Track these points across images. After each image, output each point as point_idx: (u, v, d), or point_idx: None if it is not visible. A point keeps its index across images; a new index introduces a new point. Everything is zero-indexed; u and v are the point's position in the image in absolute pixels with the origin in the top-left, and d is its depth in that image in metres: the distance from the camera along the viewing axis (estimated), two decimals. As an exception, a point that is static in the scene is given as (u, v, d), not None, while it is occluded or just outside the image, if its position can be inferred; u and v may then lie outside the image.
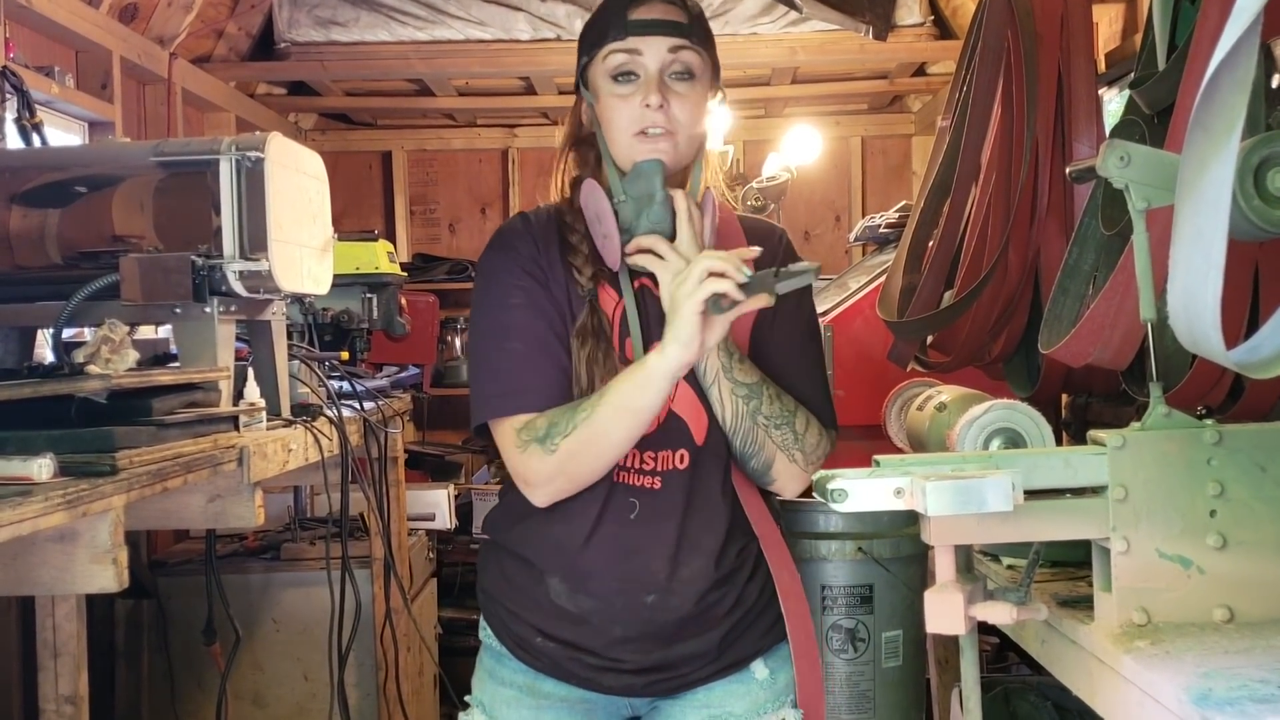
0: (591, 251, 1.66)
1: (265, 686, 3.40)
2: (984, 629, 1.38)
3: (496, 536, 1.74)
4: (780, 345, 1.71)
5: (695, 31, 1.63)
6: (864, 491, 1.23)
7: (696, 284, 1.46)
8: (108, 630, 3.37)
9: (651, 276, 1.64)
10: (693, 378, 1.64)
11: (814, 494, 1.30)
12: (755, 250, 1.51)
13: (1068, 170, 1.80)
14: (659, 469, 1.65)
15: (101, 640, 3.28)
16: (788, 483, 1.68)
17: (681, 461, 1.66)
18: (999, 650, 2.96)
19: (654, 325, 1.63)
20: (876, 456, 1.33)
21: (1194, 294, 0.95)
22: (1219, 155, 0.91)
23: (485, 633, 1.77)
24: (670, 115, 1.61)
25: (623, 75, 1.61)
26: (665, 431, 1.65)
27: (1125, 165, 1.34)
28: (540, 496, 1.63)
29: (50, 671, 2.29)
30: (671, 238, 1.59)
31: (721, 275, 1.46)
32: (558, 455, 1.57)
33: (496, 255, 1.69)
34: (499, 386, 1.62)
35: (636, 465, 1.65)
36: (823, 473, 1.28)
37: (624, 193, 1.60)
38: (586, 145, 1.72)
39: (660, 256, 1.59)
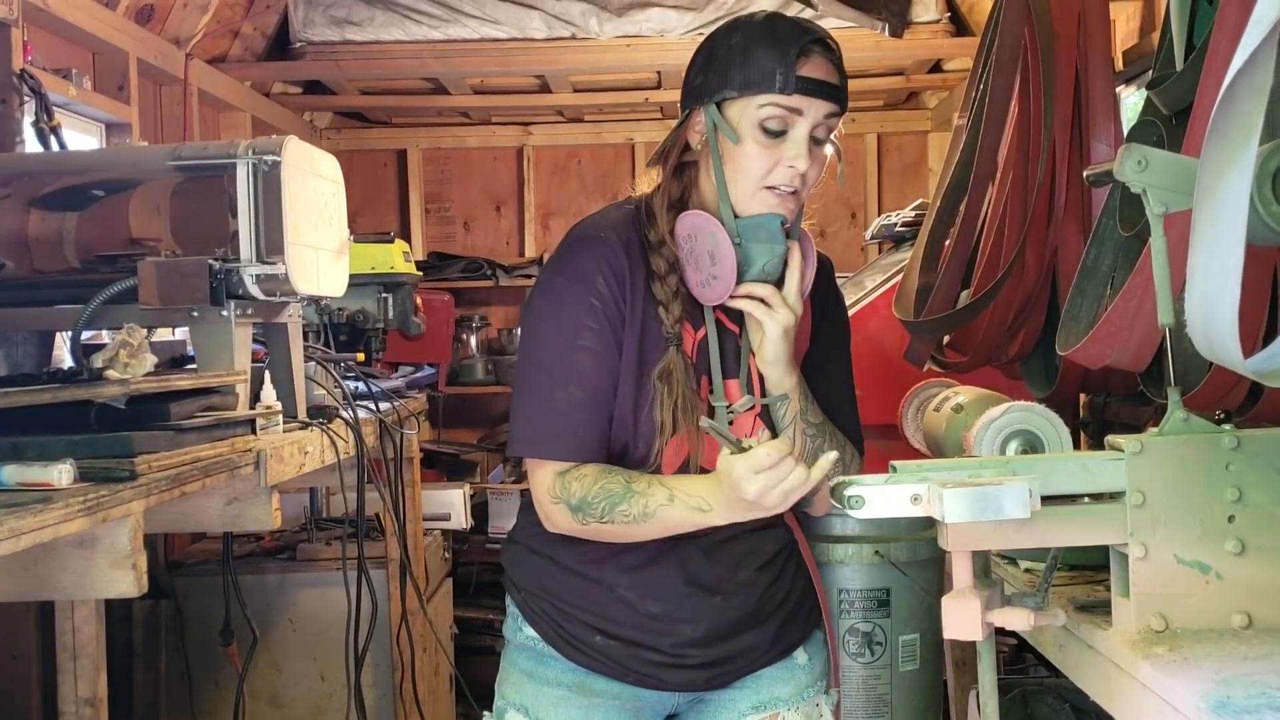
0: (679, 286, 1.63)
1: (282, 687, 3.41)
2: (1002, 630, 1.37)
3: (538, 545, 1.72)
4: (831, 377, 1.77)
5: (844, 96, 1.63)
6: (881, 498, 1.23)
7: (780, 500, 1.46)
8: (125, 631, 3.38)
9: (734, 312, 1.66)
10: (766, 414, 1.68)
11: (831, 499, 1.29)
12: (833, 456, 1.49)
13: (1085, 174, 1.80)
14: None
15: (119, 641, 3.30)
16: (824, 506, 1.70)
17: None
18: (1016, 652, 2.96)
19: (729, 361, 1.66)
20: (893, 462, 1.33)
21: (1212, 302, 0.95)
22: (1237, 163, 0.91)
23: (522, 634, 1.74)
24: (805, 177, 1.63)
25: (775, 129, 1.59)
26: None
27: (1143, 169, 1.33)
28: (553, 530, 1.66)
29: (70, 673, 2.31)
30: (779, 286, 1.62)
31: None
32: (585, 527, 1.59)
33: (572, 285, 1.63)
34: (548, 428, 1.61)
35: None
36: (840, 479, 1.28)
37: (739, 235, 1.60)
38: (686, 167, 1.69)
39: (769, 305, 1.61)
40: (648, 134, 5.74)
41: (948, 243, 2.78)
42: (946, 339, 2.80)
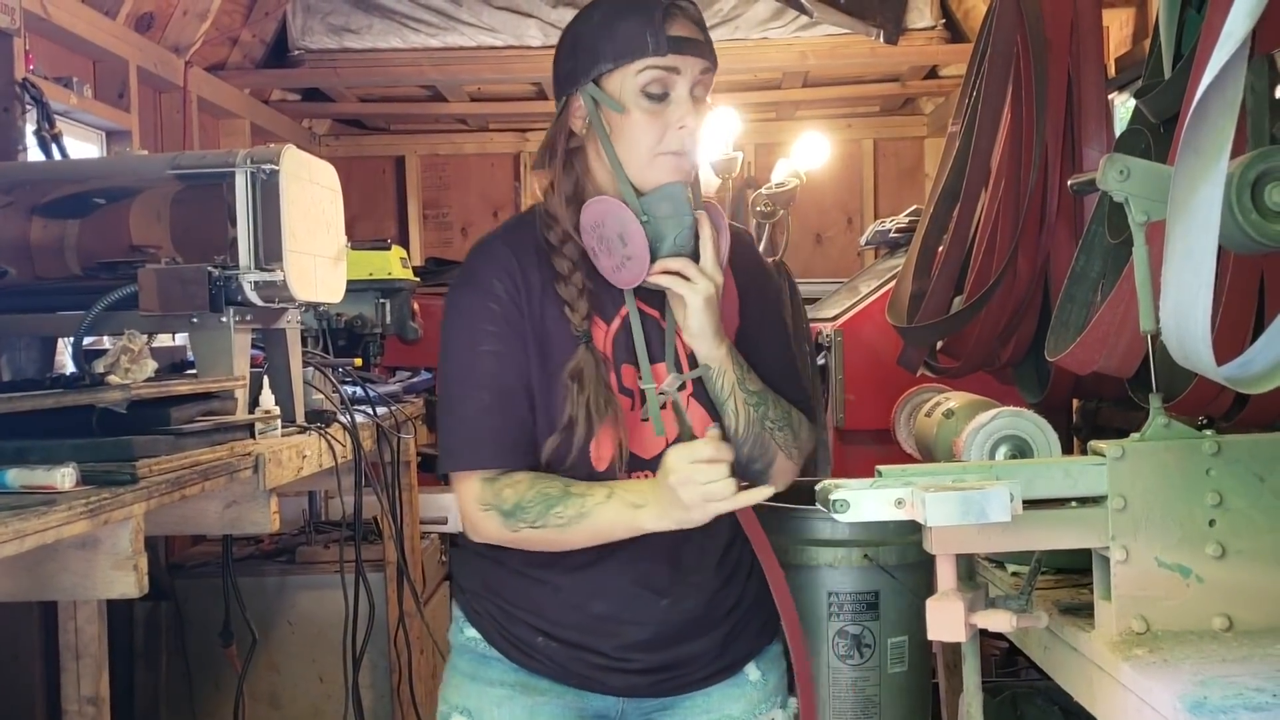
0: (584, 284, 1.61)
1: (281, 688, 3.43)
2: (993, 634, 1.40)
3: (483, 548, 1.68)
4: (769, 349, 1.72)
5: (713, 52, 1.63)
6: (865, 502, 1.25)
7: (698, 497, 1.45)
8: (126, 632, 3.41)
9: (651, 296, 1.63)
10: (702, 392, 1.65)
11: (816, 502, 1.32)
12: (767, 491, 1.50)
13: (1069, 183, 1.82)
14: None
15: (120, 642, 3.32)
16: (782, 480, 1.69)
17: None
18: (1008, 655, 2.98)
19: (654, 347, 1.64)
20: (879, 466, 1.35)
21: (1185, 310, 0.97)
22: (1209, 175, 0.93)
23: (464, 635, 1.72)
24: (694, 136, 1.61)
25: (657, 93, 1.58)
26: None
27: (1125, 179, 1.36)
28: (479, 539, 1.64)
29: (72, 673, 2.33)
30: (694, 259, 1.59)
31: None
32: (515, 534, 1.57)
33: (469, 294, 1.64)
34: (465, 438, 1.61)
35: None
36: (825, 483, 1.30)
37: (644, 213, 1.57)
38: (574, 158, 1.65)
39: (688, 279, 1.58)
40: (645, 140, 5.76)
41: (941, 249, 2.80)
42: (940, 345, 2.82)
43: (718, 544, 1.68)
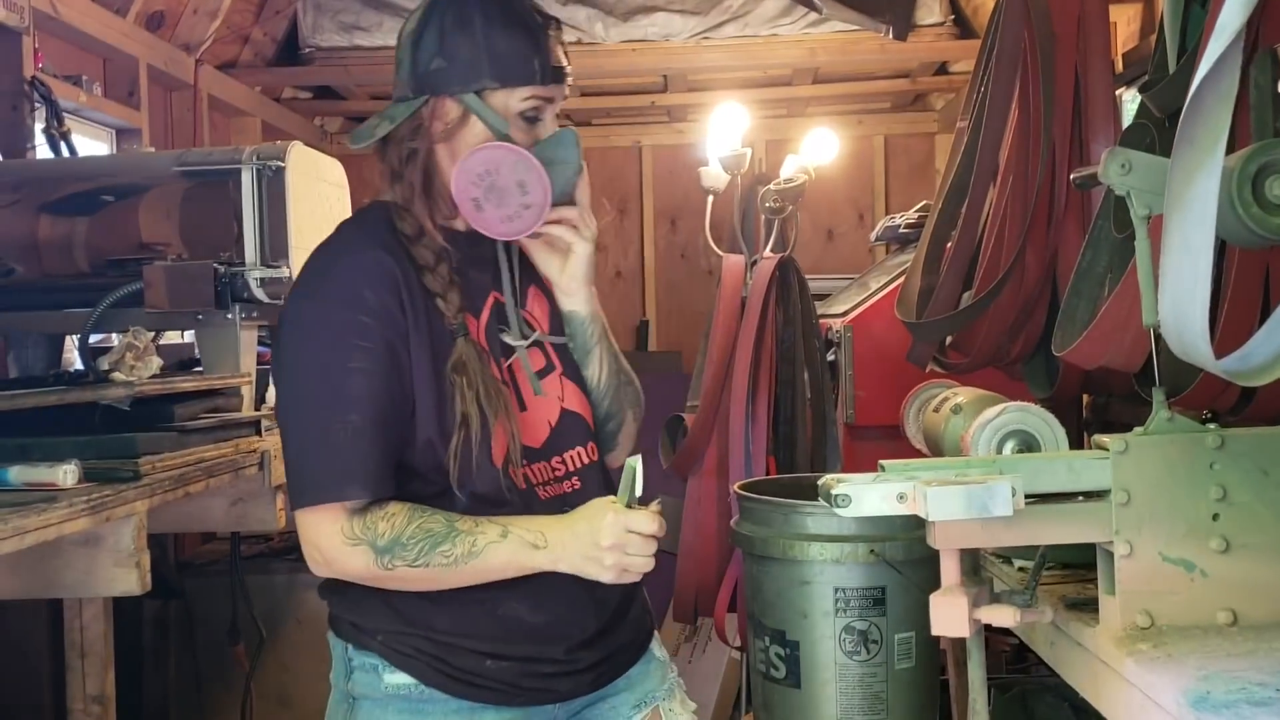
0: (451, 274, 1.54)
1: (291, 686, 3.44)
2: (1003, 630, 1.39)
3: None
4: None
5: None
6: (867, 497, 1.24)
7: (614, 565, 1.47)
8: (135, 630, 3.42)
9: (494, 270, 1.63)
10: (577, 375, 1.66)
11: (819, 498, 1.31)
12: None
13: (1071, 177, 1.81)
14: (572, 469, 1.64)
15: (129, 640, 3.33)
16: (627, 444, 1.71)
17: (592, 454, 1.67)
18: (1018, 651, 2.97)
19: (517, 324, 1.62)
20: (881, 461, 1.35)
21: (1182, 303, 0.97)
22: (1205, 167, 0.93)
23: (387, 682, 1.56)
24: None
25: (532, 117, 1.57)
26: (562, 433, 1.63)
27: (1126, 172, 1.35)
28: (329, 575, 1.53)
29: (78, 671, 2.34)
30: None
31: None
32: (390, 573, 1.46)
33: (333, 307, 1.50)
34: (330, 466, 1.46)
35: (549, 478, 1.62)
36: (827, 478, 1.29)
37: (542, 158, 1.55)
38: (425, 153, 1.59)
39: (577, 227, 1.59)
40: (655, 137, 5.77)
41: (949, 245, 2.80)
42: (949, 340, 2.81)
43: None
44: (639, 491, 1.51)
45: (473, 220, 1.54)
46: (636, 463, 1.51)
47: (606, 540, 1.45)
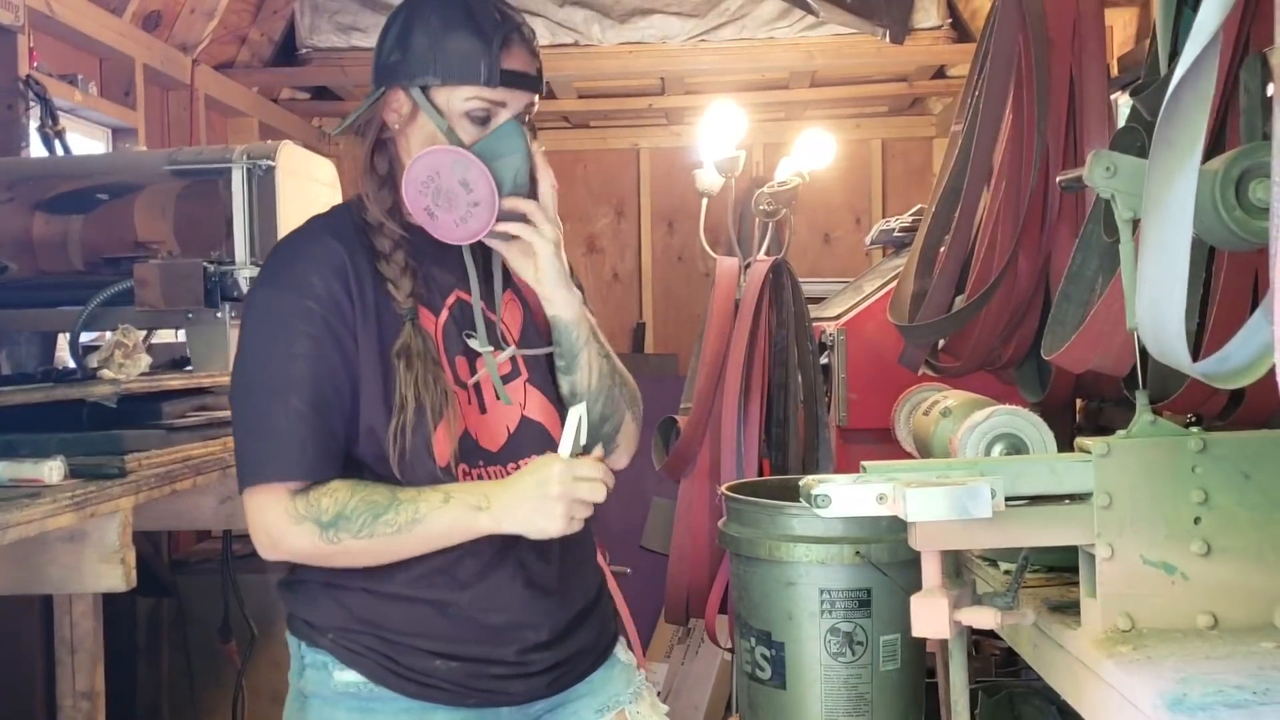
0: (407, 261, 1.56)
1: (282, 683, 3.37)
2: (995, 634, 1.40)
3: (344, 580, 1.57)
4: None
5: (541, 84, 1.62)
6: (847, 497, 1.25)
7: (564, 513, 1.45)
8: (129, 628, 3.42)
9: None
10: (545, 381, 1.64)
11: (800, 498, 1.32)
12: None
13: (1057, 180, 1.82)
14: None
15: (122, 637, 3.34)
16: (628, 445, 1.70)
17: None
18: (1009, 654, 2.97)
19: (491, 335, 1.60)
20: (864, 462, 1.35)
21: (1160, 306, 0.97)
22: (1183, 169, 0.93)
23: (338, 680, 1.57)
24: None
25: (480, 118, 1.56)
26: (519, 440, 1.62)
27: (1111, 175, 1.35)
28: (276, 558, 1.54)
29: (68, 667, 2.34)
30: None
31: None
32: (335, 548, 1.47)
33: (284, 293, 1.52)
34: (274, 448, 1.48)
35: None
36: (808, 478, 1.30)
37: (482, 155, 1.53)
38: (385, 145, 1.61)
39: (534, 225, 1.55)
40: (653, 139, 5.77)
41: (942, 249, 2.80)
42: (941, 344, 2.81)
43: (585, 532, 1.65)
44: (584, 440, 1.50)
45: (430, 229, 1.55)
46: (581, 410, 1.51)
47: (555, 489, 1.44)
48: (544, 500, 1.45)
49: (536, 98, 1.61)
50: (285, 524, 1.47)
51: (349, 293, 1.52)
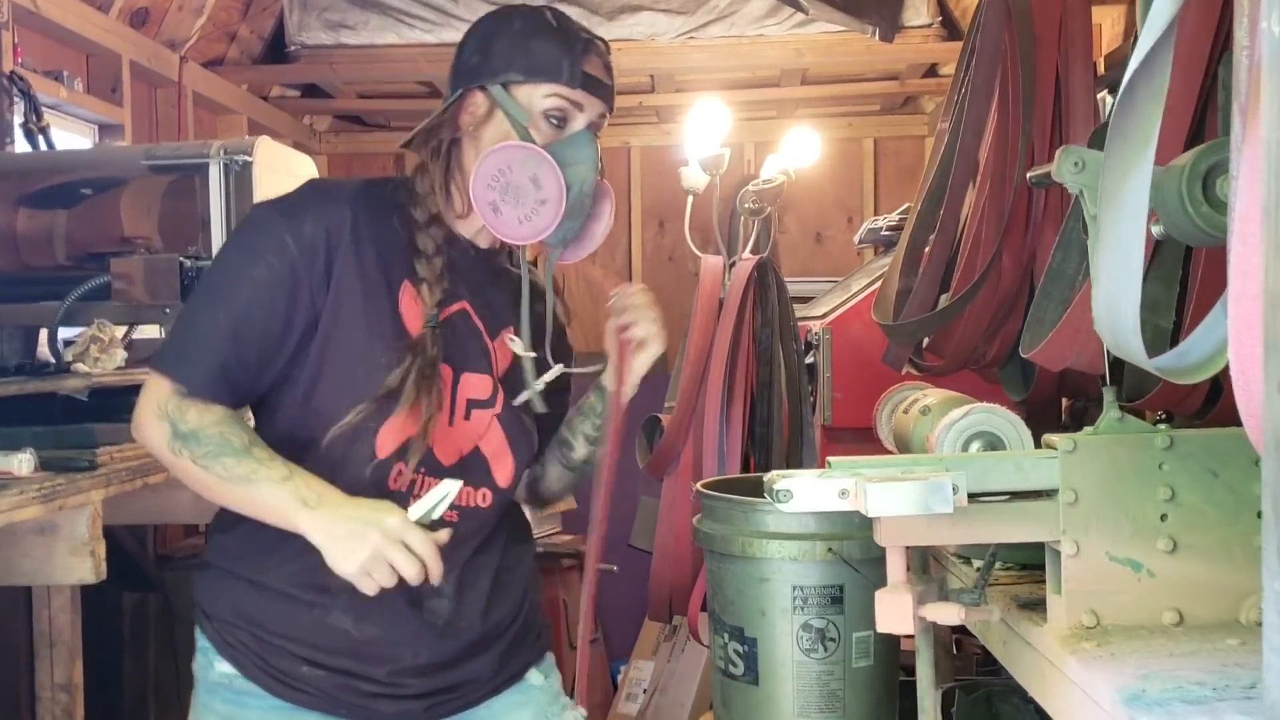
0: (444, 272, 1.58)
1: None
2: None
3: (239, 569, 1.58)
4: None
5: (613, 99, 1.66)
6: (809, 492, 1.25)
7: (369, 564, 1.42)
8: (115, 622, 3.42)
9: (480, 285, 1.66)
10: (513, 421, 1.66)
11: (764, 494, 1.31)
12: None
13: (1027, 176, 1.81)
14: (460, 504, 1.59)
15: (109, 632, 3.33)
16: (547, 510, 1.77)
17: (484, 500, 1.65)
18: (989, 653, 2.97)
19: (469, 346, 1.64)
20: (830, 458, 1.35)
21: (1116, 300, 0.97)
22: (1138, 164, 0.93)
23: (215, 670, 1.59)
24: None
25: (556, 119, 1.60)
26: (466, 466, 1.62)
27: (1079, 170, 1.35)
28: (139, 438, 1.54)
29: (46, 660, 2.34)
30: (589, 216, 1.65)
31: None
32: (176, 460, 1.48)
33: (272, 217, 1.55)
34: (184, 346, 1.52)
35: None
36: (771, 473, 1.30)
37: (556, 157, 1.56)
38: (452, 146, 1.63)
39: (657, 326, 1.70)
40: (644, 138, 5.76)
41: (927, 248, 2.79)
42: (925, 343, 2.81)
43: (495, 560, 1.66)
44: (437, 514, 1.47)
45: (492, 226, 1.57)
46: (454, 488, 1.49)
47: (374, 536, 1.41)
48: (358, 539, 1.41)
49: (607, 114, 1.64)
50: (150, 414, 1.48)
51: (330, 254, 1.52)
